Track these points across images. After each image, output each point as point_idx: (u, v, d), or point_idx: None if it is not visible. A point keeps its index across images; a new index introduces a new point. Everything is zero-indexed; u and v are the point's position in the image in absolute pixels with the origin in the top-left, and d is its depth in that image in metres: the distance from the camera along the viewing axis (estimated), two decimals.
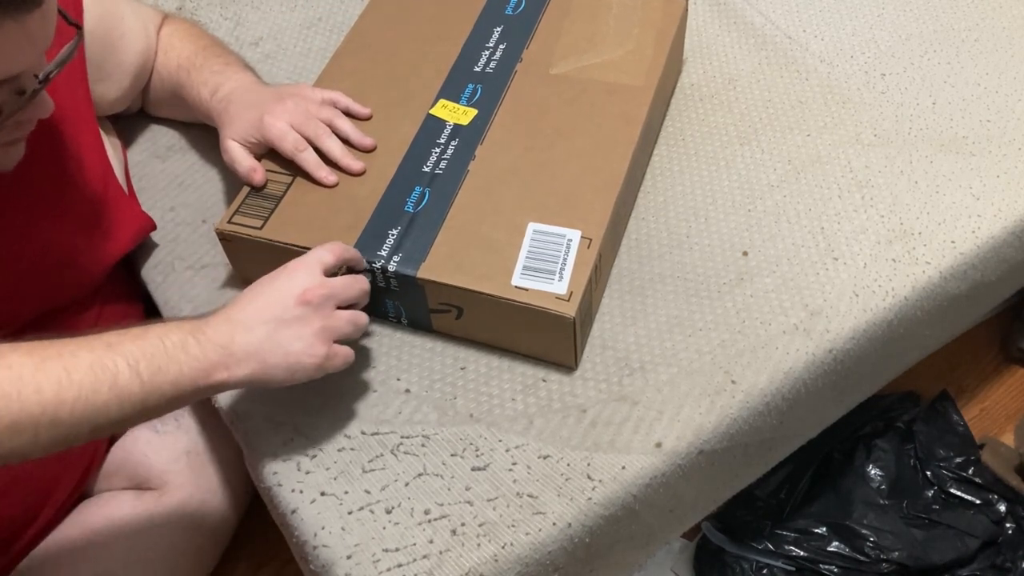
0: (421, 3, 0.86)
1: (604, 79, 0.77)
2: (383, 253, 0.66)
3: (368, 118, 0.76)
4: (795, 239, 0.76)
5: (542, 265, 0.65)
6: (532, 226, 0.67)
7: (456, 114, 0.76)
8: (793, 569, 0.93)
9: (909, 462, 1.01)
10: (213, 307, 0.58)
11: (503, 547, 0.59)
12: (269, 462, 0.64)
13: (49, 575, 0.74)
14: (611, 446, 0.64)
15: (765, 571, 0.93)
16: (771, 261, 0.74)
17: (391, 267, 0.65)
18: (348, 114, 0.75)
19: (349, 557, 0.59)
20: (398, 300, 0.69)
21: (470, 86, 0.78)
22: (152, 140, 0.86)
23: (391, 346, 0.70)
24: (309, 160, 0.71)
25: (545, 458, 0.63)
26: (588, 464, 0.63)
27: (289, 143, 0.71)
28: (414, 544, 0.60)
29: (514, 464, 0.63)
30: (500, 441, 0.64)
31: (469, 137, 0.74)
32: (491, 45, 0.81)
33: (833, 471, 1.00)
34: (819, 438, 0.81)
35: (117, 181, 0.75)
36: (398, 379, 0.68)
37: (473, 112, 0.76)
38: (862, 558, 0.92)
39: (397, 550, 0.59)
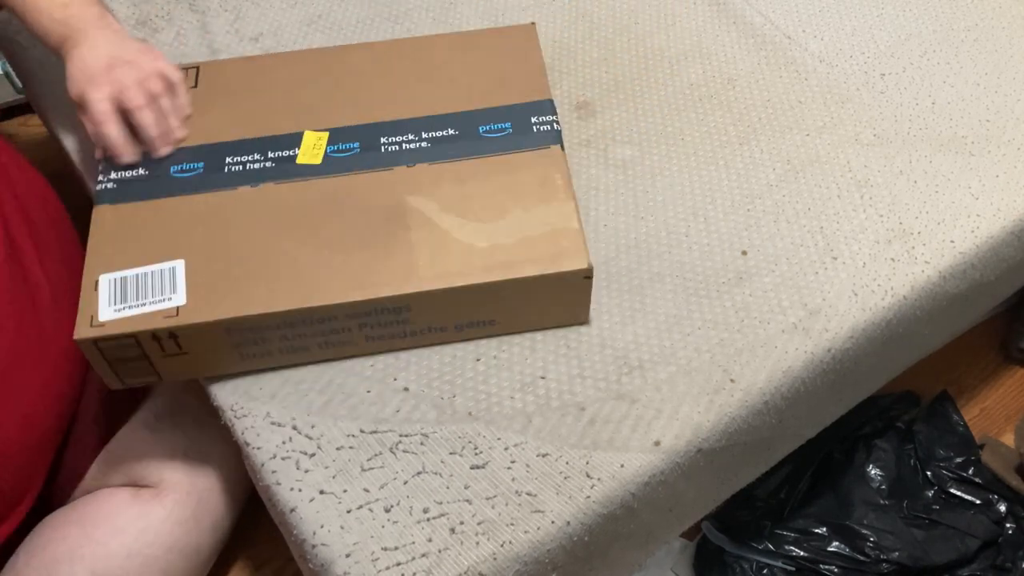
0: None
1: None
2: None
3: (188, 116, 0.74)
4: (794, 238, 0.76)
5: None
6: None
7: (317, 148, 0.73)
8: (793, 569, 0.93)
9: (909, 462, 1.01)
10: None
11: (502, 545, 0.59)
12: (267, 461, 0.64)
13: (45, 573, 0.75)
14: (610, 444, 0.64)
15: (765, 571, 0.93)
16: (770, 260, 0.74)
17: None
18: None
19: (348, 556, 0.59)
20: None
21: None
22: None
23: (375, 352, 0.70)
24: (108, 133, 0.69)
25: (544, 456, 0.63)
26: (587, 462, 0.63)
27: (95, 113, 0.69)
28: (413, 543, 0.60)
29: (513, 462, 0.63)
30: (499, 439, 0.64)
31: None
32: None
33: (833, 471, 0.99)
34: (819, 438, 0.81)
35: None
36: (395, 378, 0.68)
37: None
38: (862, 558, 0.92)
39: (396, 548, 0.59)
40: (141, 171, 0.71)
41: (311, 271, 0.65)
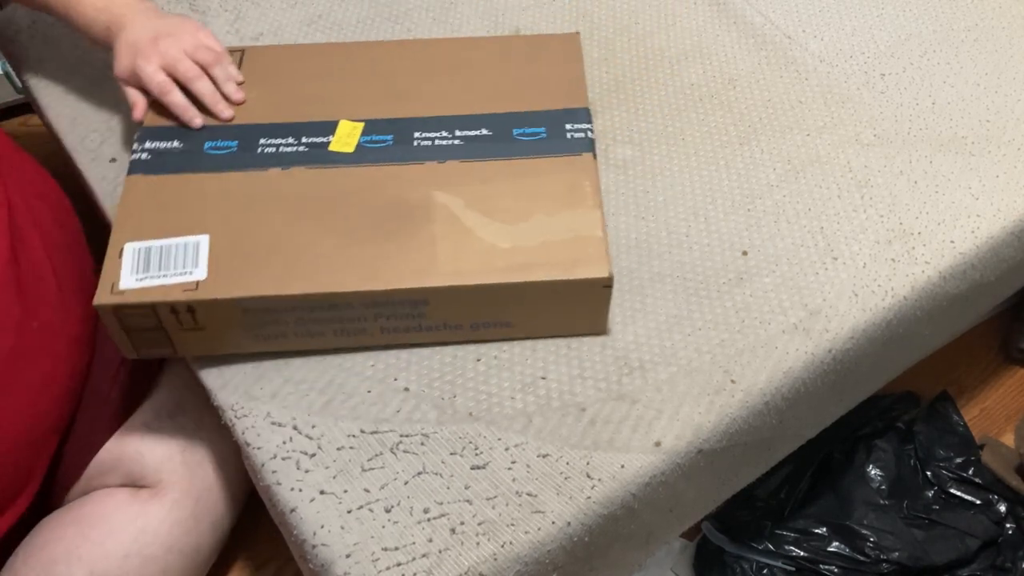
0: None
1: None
2: None
3: (240, 83, 0.76)
4: (795, 239, 0.76)
5: None
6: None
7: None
8: (793, 569, 0.93)
9: (909, 462, 1.01)
10: None
11: (502, 546, 0.59)
12: (268, 461, 0.64)
13: (43, 573, 0.74)
14: (610, 445, 0.64)
15: (765, 571, 0.93)
16: (771, 261, 0.74)
17: None
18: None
19: (348, 556, 0.59)
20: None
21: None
22: None
23: (389, 344, 0.70)
24: (177, 102, 0.72)
25: (544, 457, 0.63)
26: (587, 463, 0.63)
27: (155, 85, 0.72)
28: (413, 543, 0.60)
29: (513, 463, 0.63)
30: (499, 440, 0.64)
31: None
32: None
33: (833, 471, 1.00)
34: (819, 438, 0.81)
35: None
36: (396, 379, 0.68)
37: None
38: (862, 558, 0.92)
39: (396, 549, 0.59)
40: (176, 143, 0.72)
41: (332, 257, 0.65)
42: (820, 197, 0.79)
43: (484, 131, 0.73)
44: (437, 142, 0.72)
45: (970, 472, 1.00)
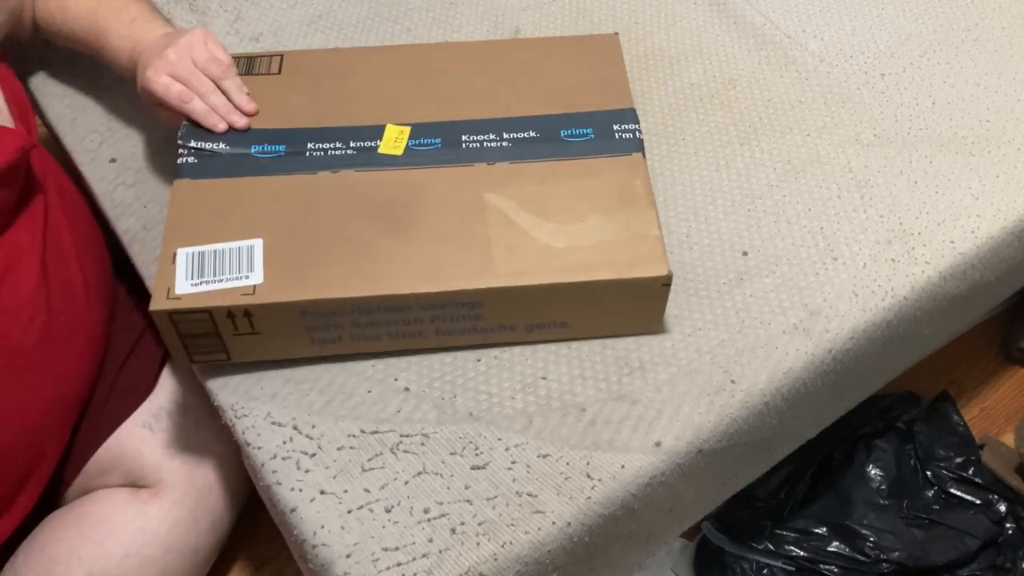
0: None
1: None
2: None
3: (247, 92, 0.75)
4: (795, 239, 0.76)
5: None
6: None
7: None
8: (793, 569, 0.93)
9: (909, 462, 1.01)
10: None
11: (502, 546, 0.59)
12: (268, 460, 0.64)
13: (43, 573, 0.75)
14: (610, 445, 0.64)
15: (765, 571, 0.93)
16: (771, 261, 0.74)
17: None
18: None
19: (348, 556, 0.59)
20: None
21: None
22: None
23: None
24: (198, 109, 0.71)
25: (544, 457, 0.63)
26: (587, 463, 0.63)
27: (174, 95, 0.71)
28: (413, 543, 0.60)
29: (513, 463, 0.63)
30: (499, 440, 0.64)
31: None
32: None
33: (833, 471, 1.00)
34: (819, 438, 0.81)
35: None
36: (396, 379, 0.68)
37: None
38: (862, 558, 0.92)
39: (396, 549, 0.59)
40: (223, 145, 0.71)
41: (388, 260, 0.65)
42: (820, 197, 0.79)
43: (532, 133, 0.73)
44: (486, 144, 0.72)
45: (970, 472, 1.00)
